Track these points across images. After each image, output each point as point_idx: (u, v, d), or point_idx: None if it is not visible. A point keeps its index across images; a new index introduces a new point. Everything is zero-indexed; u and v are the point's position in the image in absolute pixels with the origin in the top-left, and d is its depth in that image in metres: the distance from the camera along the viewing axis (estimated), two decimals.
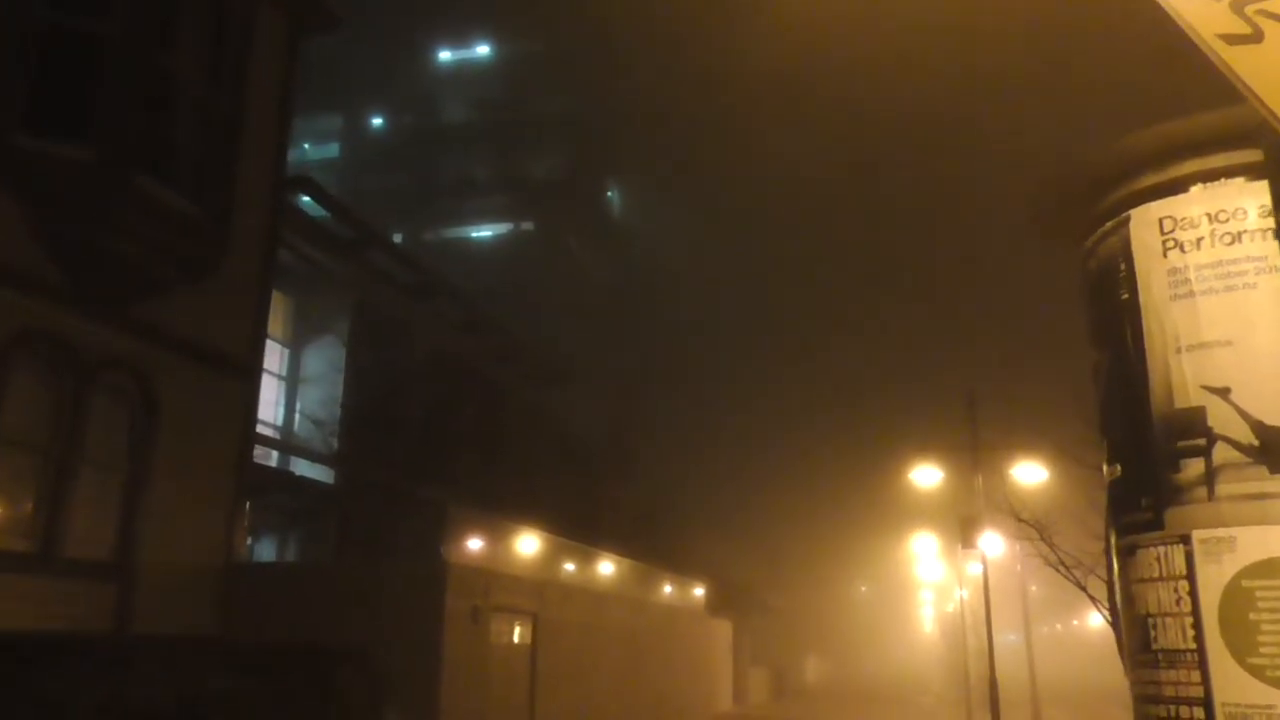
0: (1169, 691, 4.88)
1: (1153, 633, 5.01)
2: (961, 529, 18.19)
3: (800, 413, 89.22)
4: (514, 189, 63.22)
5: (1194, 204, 5.29)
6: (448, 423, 24.38)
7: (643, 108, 73.06)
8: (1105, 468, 5.59)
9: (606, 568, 29.45)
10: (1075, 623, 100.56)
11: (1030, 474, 18.00)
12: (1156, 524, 5.04)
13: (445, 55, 69.66)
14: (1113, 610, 13.58)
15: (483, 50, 69.32)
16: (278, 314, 23.04)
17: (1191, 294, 5.15)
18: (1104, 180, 5.66)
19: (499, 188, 63.83)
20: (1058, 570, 13.72)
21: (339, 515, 21.95)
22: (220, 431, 15.63)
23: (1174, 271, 5.25)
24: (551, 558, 27.93)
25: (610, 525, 34.20)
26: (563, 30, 65.22)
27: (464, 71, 68.52)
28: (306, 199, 24.23)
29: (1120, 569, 5.42)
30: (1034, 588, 38.89)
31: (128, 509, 13.23)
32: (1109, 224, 5.66)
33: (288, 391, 23.22)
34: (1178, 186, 5.35)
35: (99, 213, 12.30)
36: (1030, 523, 14.22)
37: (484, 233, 63.79)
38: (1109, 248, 5.65)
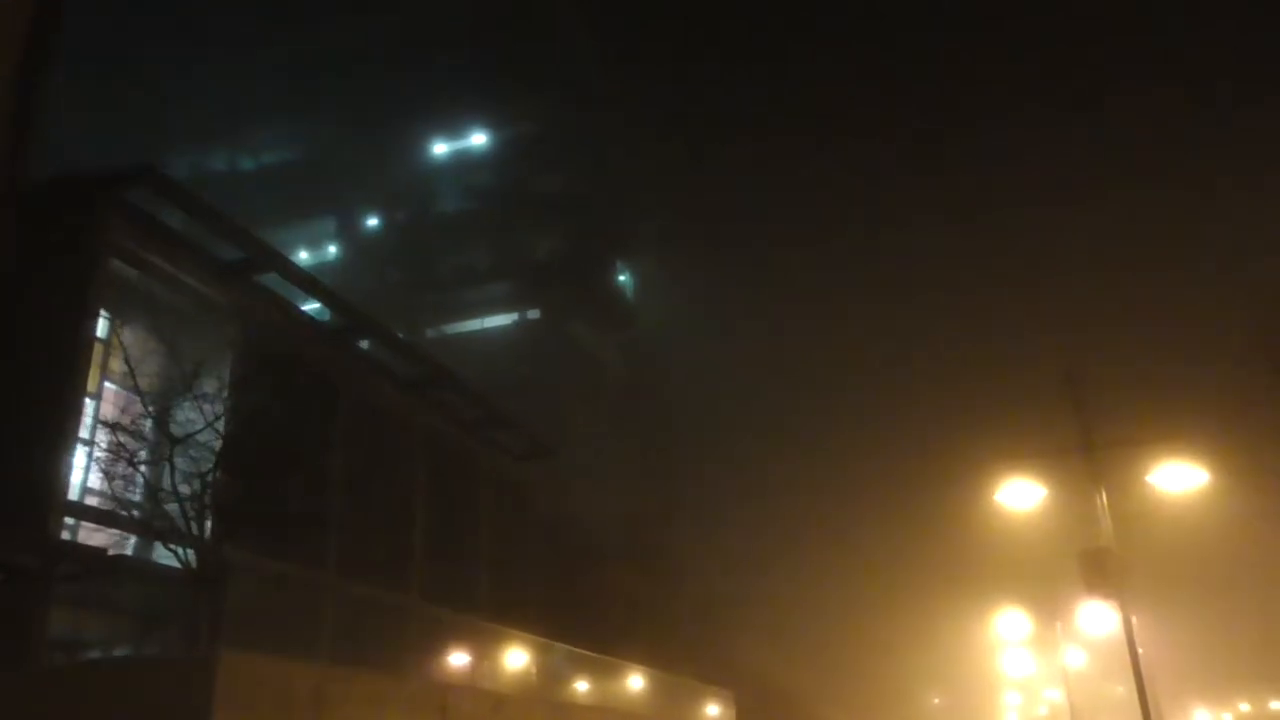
0: None
1: None
2: (1084, 570, 11.97)
3: (849, 487, 79.24)
4: (518, 276, 59.04)
5: None
6: (372, 492, 18.69)
7: (652, 184, 68.79)
8: None
9: (598, 674, 22.99)
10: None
11: (1179, 478, 11.87)
12: None
13: (440, 148, 66.39)
14: None
15: (478, 140, 65.97)
16: (125, 354, 17.70)
17: None
18: None
19: (503, 275, 59.69)
20: None
21: (210, 609, 16.15)
22: None
23: None
24: (533, 662, 21.76)
25: (617, 623, 27.83)
26: (561, 110, 61.80)
27: (460, 161, 65.18)
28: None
29: None
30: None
31: None
32: None
33: (150, 454, 17.61)
34: None
35: None
36: None
37: (489, 323, 59.27)
38: None
